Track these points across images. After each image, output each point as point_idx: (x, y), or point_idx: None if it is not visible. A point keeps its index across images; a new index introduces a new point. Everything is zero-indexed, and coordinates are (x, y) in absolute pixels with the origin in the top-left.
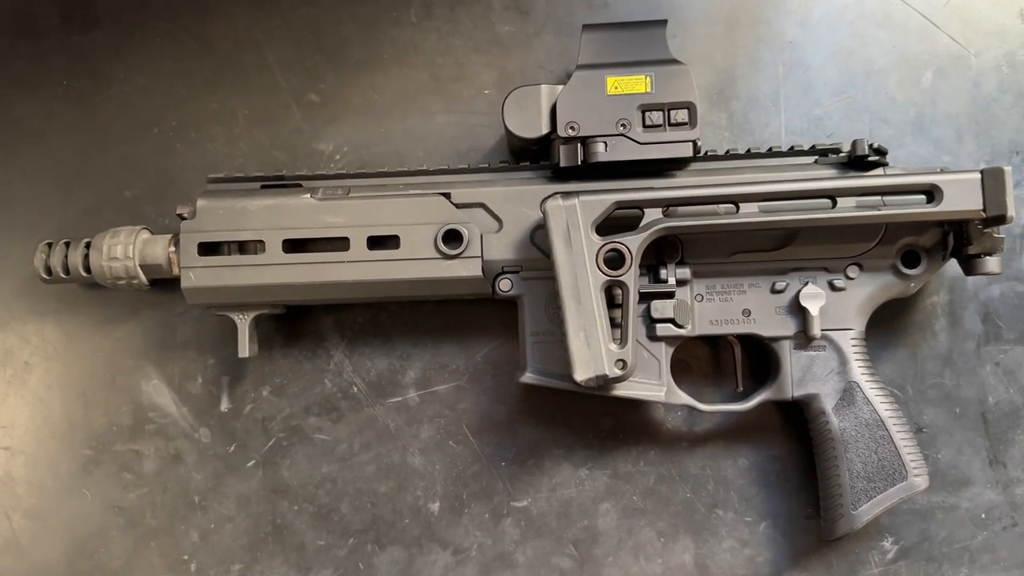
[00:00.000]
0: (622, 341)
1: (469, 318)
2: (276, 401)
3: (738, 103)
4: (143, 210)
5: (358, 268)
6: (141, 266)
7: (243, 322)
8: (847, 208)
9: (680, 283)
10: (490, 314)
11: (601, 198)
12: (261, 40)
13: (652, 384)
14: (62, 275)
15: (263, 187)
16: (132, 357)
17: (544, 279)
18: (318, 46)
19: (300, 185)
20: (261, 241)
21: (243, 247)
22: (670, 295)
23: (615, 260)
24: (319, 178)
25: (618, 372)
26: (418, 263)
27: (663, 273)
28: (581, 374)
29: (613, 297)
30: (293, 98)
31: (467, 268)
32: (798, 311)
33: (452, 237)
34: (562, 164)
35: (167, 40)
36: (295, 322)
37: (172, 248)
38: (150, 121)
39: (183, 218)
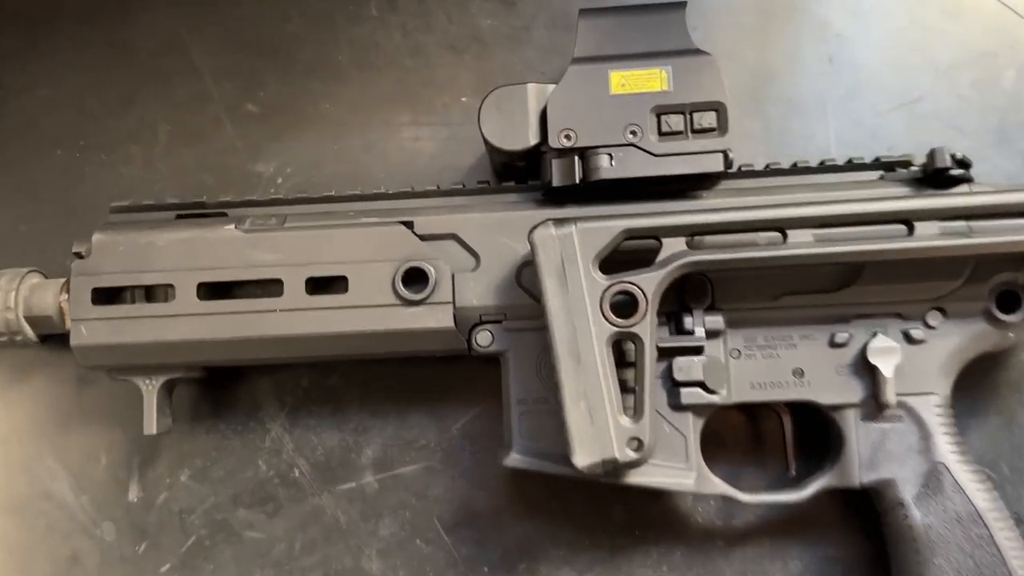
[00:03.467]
0: (636, 413)
1: (440, 381)
2: (198, 488)
3: (775, 109)
4: (41, 248)
5: (295, 319)
6: (27, 318)
7: (150, 389)
8: (928, 236)
9: (711, 335)
10: (467, 375)
11: (606, 225)
12: (189, 41)
13: (677, 468)
14: None
15: (178, 217)
16: (19, 432)
17: (534, 331)
18: (258, 47)
19: (224, 214)
20: (171, 286)
21: (150, 293)
22: (698, 351)
23: (625, 306)
24: (249, 205)
25: (632, 455)
26: (372, 312)
27: (688, 322)
28: (583, 458)
29: (624, 354)
30: (226, 110)
31: (435, 317)
32: (865, 371)
33: (415, 278)
34: (555, 183)
35: (77, 44)
36: (222, 387)
37: (64, 296)
38: (53, 141)
39: (80, 257)
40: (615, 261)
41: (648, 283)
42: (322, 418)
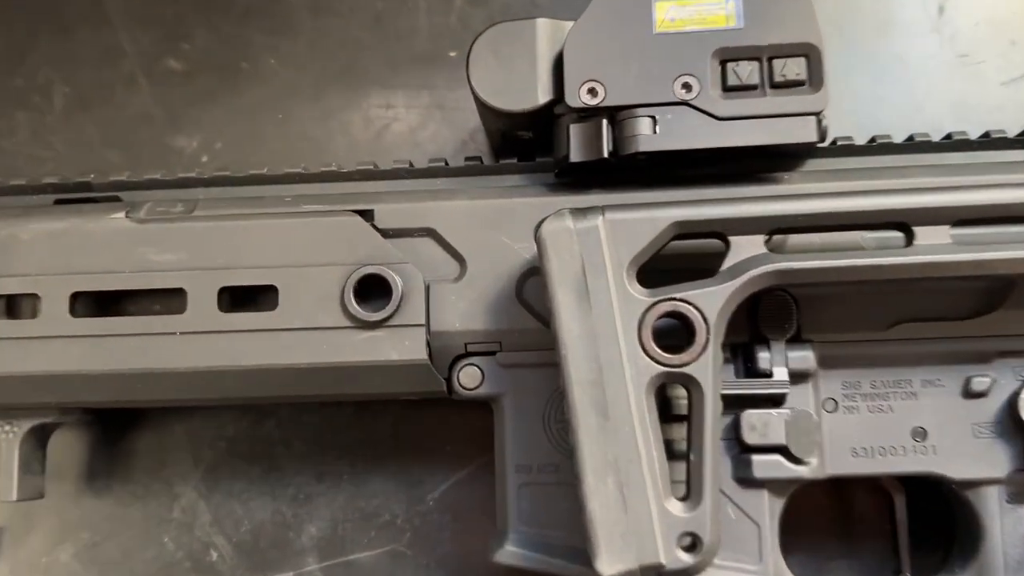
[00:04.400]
0: (692, 495)
1: (412, 433)
2: (83, 572)
3: (870, 68)
4: None
5: (202, 346)
6: None
7: (9, 438)
8: None
9: (797, 378)
10: (448, 426)
11: (649, 215)
12: None
13: (744, 570)
14: None
15: (57, 203)
16: None
17: (542, 367)
18: None
19: (117, 198)
20: (36, 296)
21: (12, 306)
22: (778, 400)
23: (675, 334)
24: (150, 186)
25: (685, 559)
26: (310, 337)
27: (764, 359)
28: (610, 563)
29: (669, 404)
30: (142, 66)
31: (400, 346)
32: (1015, 432)
33: (373, 289)
34: (574, 158)
35: None
36: (116, 436)
37: None
38: None
39: None
40: (653, 271)
41: (710, 301)
42: (251, 480)
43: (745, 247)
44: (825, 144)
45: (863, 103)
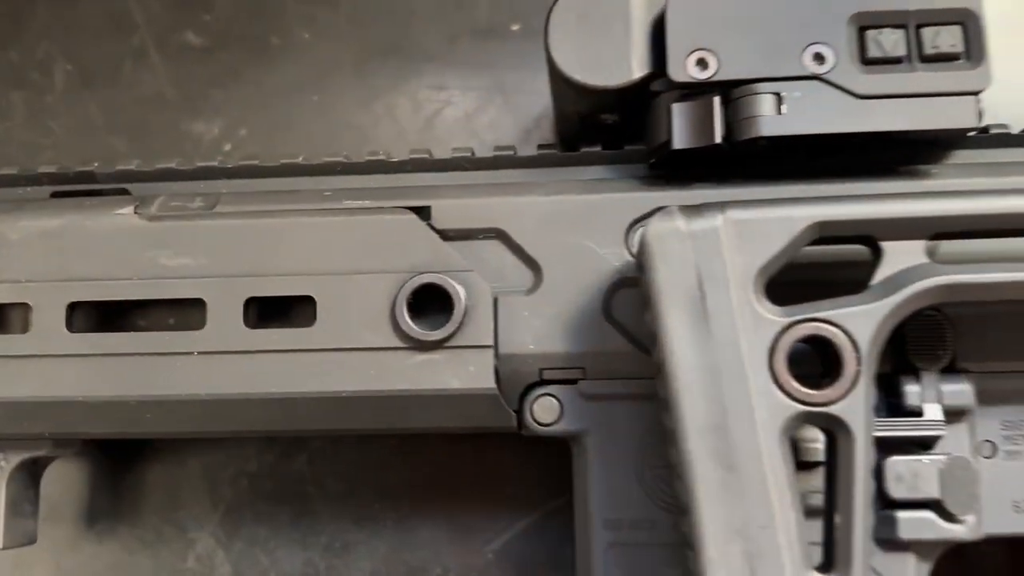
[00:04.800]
0: (836, 565)
1: (466, 472)
2: None
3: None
4: None
5: (223, 368)
6: None
7: None
8: None
9: (952, 416)
10: (509, 462)
11: (782, 214)
12: None
13: None
14: None
15: (55, 195)
16: None
17: (637, 400)
18: None
19: (125, 191)
20: (27, 306)
21: (5, 316)
22: (928, 444)
23: (809, 362)
24: (164, 177)
25: None
26: (353, 359)
27: (912, 393)
28: None
29: (798, 449)
30: (154, 40)
31: (462, 372)
32: None
33: (431, 303)
34: (678, 144)
35: None
36: (123, 472)
37: None
38: None
39: None
40: (784, 285)
41: (862, 322)
42: (277, 526)
43: (901, 255)
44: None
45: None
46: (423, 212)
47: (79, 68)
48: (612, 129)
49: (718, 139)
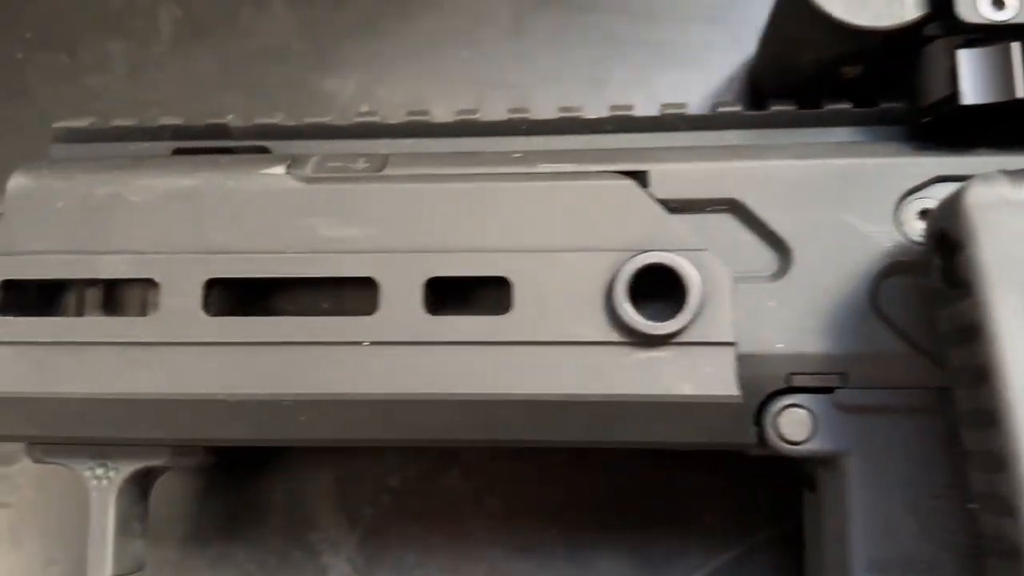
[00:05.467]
0: None
1: (651, 492)
2: None
3: None
4: None
5: (399, 362)
6: None
7: (104, 484)
8: None
9: None
10: (705, 482)
11: None
12: None
13: None
14: None
15: (177, 152)
16: None
17: (911, 412)
18: None
19: (264, 149)
20: (153, 283)
21: (113, 296)
22: None
23: None
24: (311, 134)
25: None
26: (558, 355)
27: None
28: None
29: None
30: None
31: (696, 374)
32: None
33: (654, 286)
34: (967, 100)
35: None
36: (242, 484)
37: None
38: None
39: None
40: None
41: None
42: (426, 550)
43: None
44: None
45: None
46: (639, 178)
47: (189, 15)
48: (850, 85)
49: (1020, 94)
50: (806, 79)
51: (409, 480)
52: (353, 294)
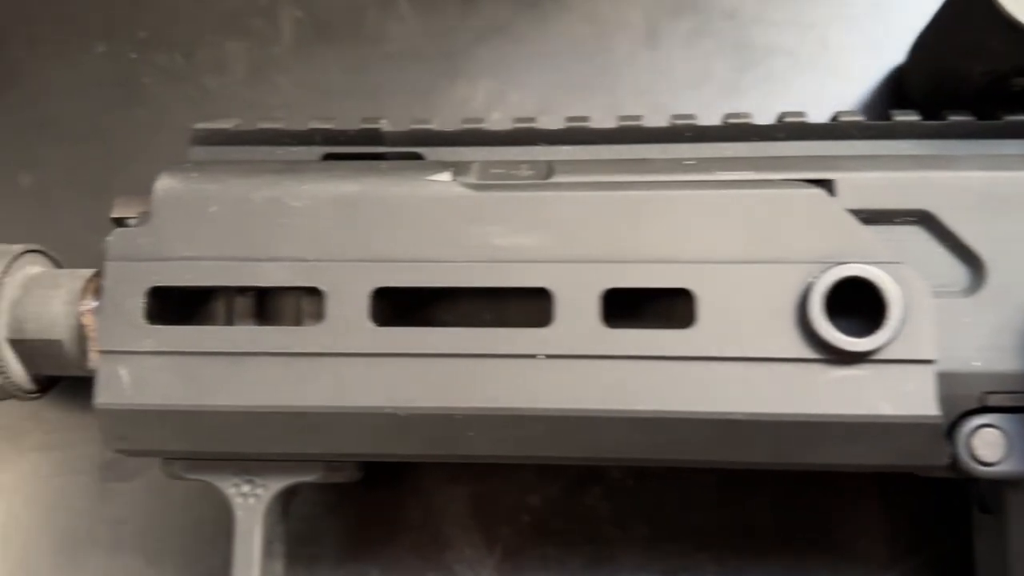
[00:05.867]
0: None
1: (805, 515)
2: None
3: None
4: (56, 212)
5: (575, 376)
6: (15, 344)
7: (250, 504)
8: None
9: None
10: (861, 508)
11: None
12: None
13: None
14: None
15: (327, 157)
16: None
17: None
18: None
19: (417, 156)
20: (317, 292)
21: (268, 305)
22: None
23: None
24: (466, 140)
25: None
26: (747, 372)
27: None
28: None
29: None
30: None
31: (895, 392)
32: None
33: (850, 302)
34: None
35: None
36: (375, 502)
37: (89, 303)
38: (92, 29)
39: (119, 225)
40: None
41: None
42: (566, 573)
43: None
44: None
45: None
46: (825, 187)
47: (311, 16)
48: (1017, 97)
49: None
50: (971, 89)
51: (549, 500)
52: (518, 305)
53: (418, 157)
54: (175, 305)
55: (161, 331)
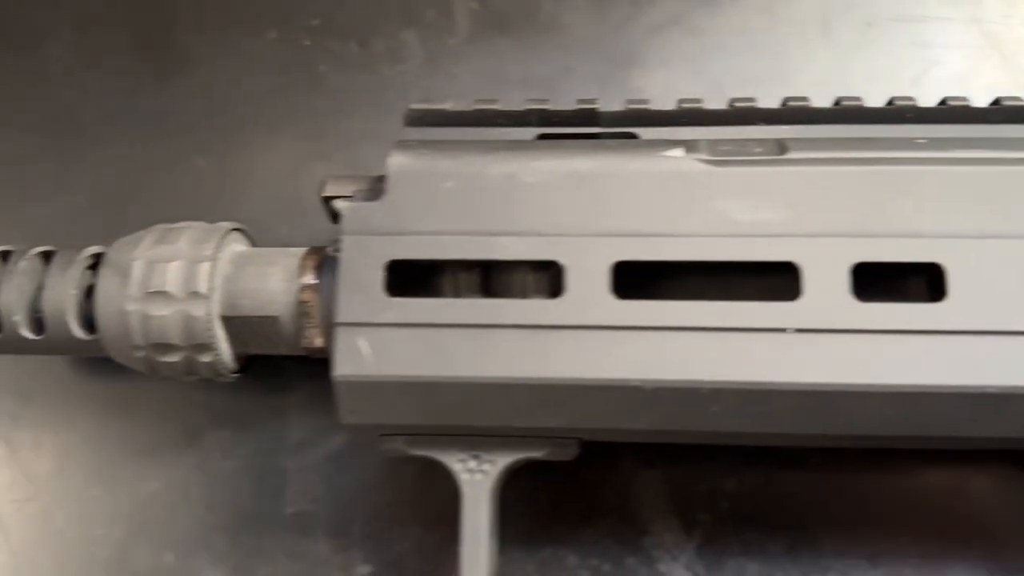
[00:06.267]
0: None
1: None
2: None
3: None
4: (232, 192)
5: (824, 350)
6: (227, 320)
7: (477, 480)
8: None
9: None
10: None
11: None
12: None
13: None
14: (24, 332)
15: (542, 138)
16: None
17: None
18: None
19: (632, 135)
20: (556, 265)
21: (491, 282)
22: None
23: None
24: (688, 120)
25: None
26: (999, 347)
27: None
28: None
29: None
30: None
31: None
32: None
33: None
34: None
35: None
36: (571, 483)
37: (308, 278)
38: (267, 16)
39: (329, 201)
40: None
41: None
42: (770, 559)
43: None
44: None
45: None
46: None
47: (486, 7)
48: None
49: None
50: None
51: (747, 485)
52: (746, 281)
53: (632, 137)
54: (401, 281)
55: (402, 303)
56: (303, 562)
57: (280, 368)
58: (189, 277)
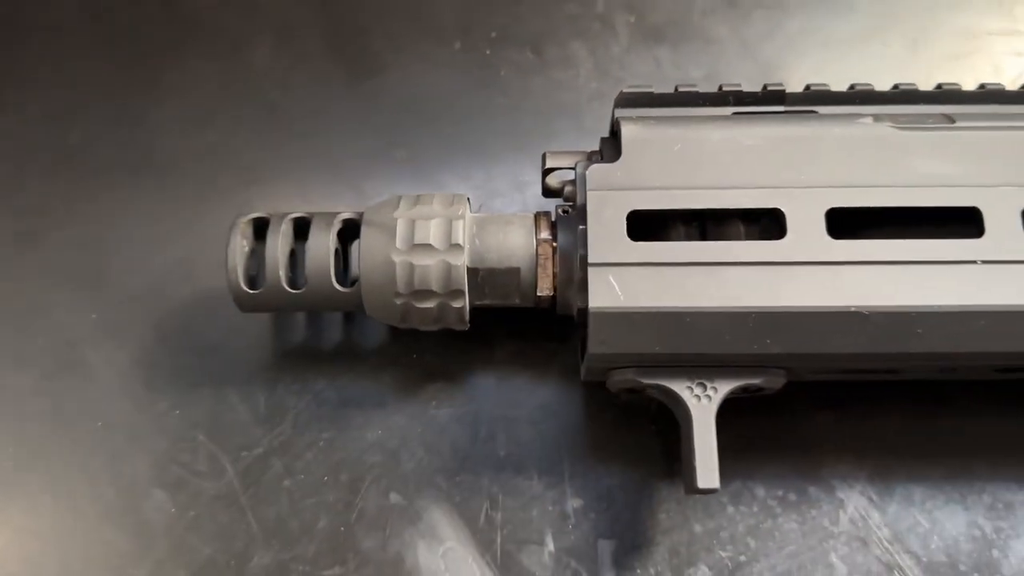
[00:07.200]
0: None
1: None
2: None
3: None
4: (424, 173)
5: (1009, 275)
6: (472, 272)
7: (703, 404)
8: None
9: None
10: None
11: None
12: None
13: None
14: (286, 287)
15: (736, 115)
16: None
17: None
18: None
19: (813, 112)
20: (777, 212)
21: (708, 235)
22: None
23: None
24: (864, 100)
25: None
26: None
27: None
28: None
29: None
30: None
31: None
32: None
33: None
34: None
35: None
36: (743, 426)
37: (545, 235)
38: (443, 28)
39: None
40: None
41: None
42: (932, 484)
43: None
44: None
45: None
46: None
47: (643, 21)
48: None
49: None
50: None
51: (910, 421)
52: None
53: (812, 112)
54: (660, 228)
55: (644, 246)
56: (520, 498)
57: (486, 326)
58: (448, 232)
